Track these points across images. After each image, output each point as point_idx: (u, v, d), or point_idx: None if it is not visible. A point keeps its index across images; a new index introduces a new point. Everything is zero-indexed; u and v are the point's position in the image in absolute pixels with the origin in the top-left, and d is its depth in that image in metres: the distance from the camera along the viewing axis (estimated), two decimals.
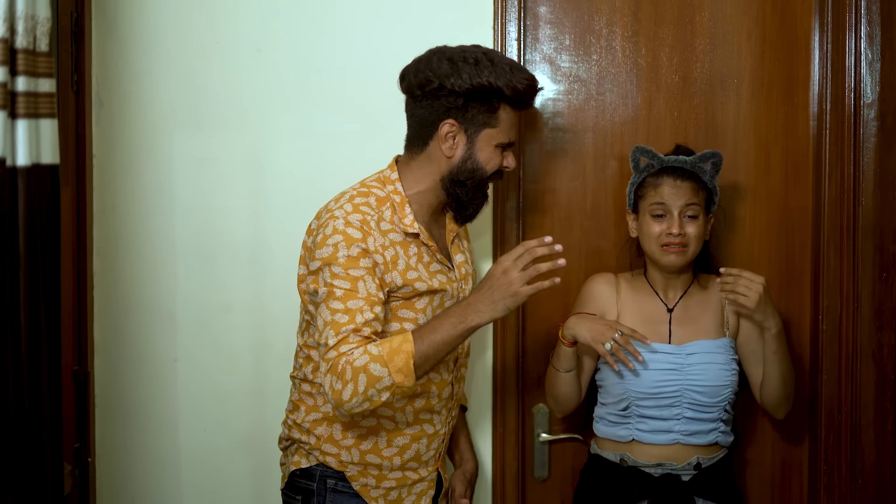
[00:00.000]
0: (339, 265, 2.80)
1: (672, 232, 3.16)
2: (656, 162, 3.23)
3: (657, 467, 3.20)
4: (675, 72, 3.52)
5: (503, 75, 2.88)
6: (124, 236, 3.48)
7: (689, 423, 3.19)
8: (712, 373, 3.18)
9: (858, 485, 3.45)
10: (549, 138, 3.53)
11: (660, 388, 3.17)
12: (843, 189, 3.41)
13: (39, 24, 2.42)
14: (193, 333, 3.51)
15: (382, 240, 2.87)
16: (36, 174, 2.40)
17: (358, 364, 2.71)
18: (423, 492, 3.06)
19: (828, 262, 3.44)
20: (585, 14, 3.52)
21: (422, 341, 2.74)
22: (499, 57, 2.93)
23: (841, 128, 3.41)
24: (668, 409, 3.18)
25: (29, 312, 2.39)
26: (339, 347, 2.73)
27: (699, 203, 3.19)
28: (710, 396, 3.17)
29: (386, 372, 2.70)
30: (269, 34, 3.46)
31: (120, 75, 3.45)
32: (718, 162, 3.23)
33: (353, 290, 2.79)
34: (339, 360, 2.72)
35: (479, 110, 2.91)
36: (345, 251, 2.81)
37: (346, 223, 2.84)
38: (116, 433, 3.51)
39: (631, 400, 3.20)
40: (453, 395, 3.08)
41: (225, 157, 3.48)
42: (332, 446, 2.98)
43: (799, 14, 3.50)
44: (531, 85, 2.95)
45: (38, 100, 2.42)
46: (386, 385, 2.71)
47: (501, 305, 2.76)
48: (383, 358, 2.71)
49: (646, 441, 3.21)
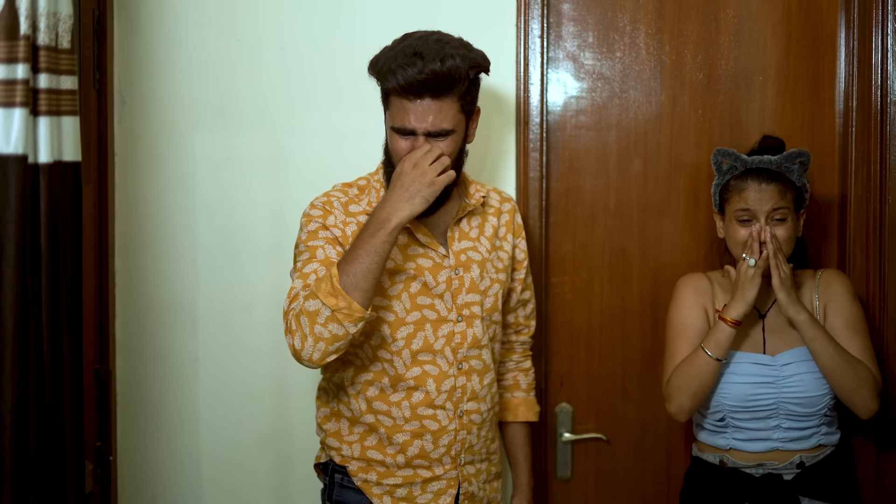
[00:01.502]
0: (301, 241, 2.92)
1: (763, 240, 3.06)
2: (739, 164, 3.15)
3: (758, 468, 3.14)
4: (700, 69, 3.50)
5: (387, 65, 2.84)
6: (146, 234, 3.48)
7: (787, 432, 3.13)
8: (809, 383, 3.10)
9: (885, 485, 3.43)
10: (572, 136, 3.51)
11: (754, 401, 3.11)
12: (869, 187, 3.39)
13: (61, 21, 2.42)
14: (215, 331, 3.51)
15: (344, 217, 2.93)
16: (57, 171, 2.40)
17: (296, 310, 2.75)
18: (442, 490, 3.00)
19: (854, 261, 3.43)
20: (609, 11, 3.50)
21: (344, 261, 2.74)
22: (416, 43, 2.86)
23: (867, 125, 3.39)
24: (764, 420, 3.13)
25: (50, 310, 2.39)
26: (291, 305, 2.79)
27: (787, 206, 3.11)
28: (807, 407, 3.11)
29: (319, 302, 2.70)
30: (292, 32, 3.46)
31: (142, 73, 3.45)
32: (807, 161, 3.13)
33: (311, 257, 2.86)
34: (288, 318, 2.78)
35: (382, 92, 2.93)
36: (305, 229, 2.93)
37: (311, 206, 2.97)
38: (138, 431, 3.51)
39: (725, 412, 3.14)
40: (460, 389, 2.99)
41: (247, 154, 3.48)
42: (335, 440, 3.01)
43: (825, 10, 3.48)
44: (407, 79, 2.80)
45: (59, 97, 2.42)
46: (326, 315, 2.70)
47: (419, 198, 2.76)
48: (313, 293, 2.72)
49: (744, 449, 3.16)
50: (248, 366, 3.51)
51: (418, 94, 2.82)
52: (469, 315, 2.99)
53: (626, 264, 3.52)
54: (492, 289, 3.05)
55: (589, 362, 3.55)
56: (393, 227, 2.73)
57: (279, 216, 3.45)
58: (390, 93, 2.87)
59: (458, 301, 2.98)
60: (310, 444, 3.21)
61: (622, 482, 3.59)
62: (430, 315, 2.95)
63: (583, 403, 3.55)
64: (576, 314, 3.53)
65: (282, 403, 3.46)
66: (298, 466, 3.40)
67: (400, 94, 2.84)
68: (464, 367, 2.99)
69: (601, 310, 3.54)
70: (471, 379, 3.00)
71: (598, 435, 3.55)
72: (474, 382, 3.01)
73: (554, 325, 3.53)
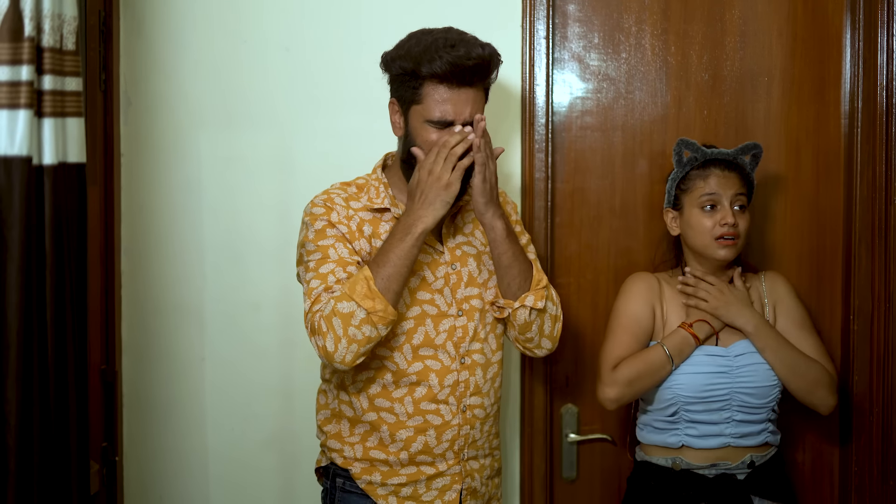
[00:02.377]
0: (310, 241, 2.90)
1: (727, 222, 3.12)
2: (700, 155, 3.19)
3: (711, 468, 3.15)
4: (705, 70, 3.50)
5: (425, 53, 2.84)
6: (152, 235, 3.48)
7: (739, 426, 3.15)
8: (761, 373, 3.14)
9: (889, 486, 3.43)
10: (577, 137, 3.51)
11: (709, 391, 3.13)
12: (874, 188, 3.39)
13: (66, 22, 2.42)
14: (221, 332, 3.51)
15: (347, 212, 2.93)
16: (62, 173, 2.40)
17: (327, 312, 2.75)
18: (447, 486, 3.00)
19: (859, 262, 3.42)
20: (614, 12, 3.50)
21: (376, 265, 2.77)
22: (444, 34, 2.90)
23: (872, 126, 3.39)
24: (717, 412, 3.14)
25: (55, 312, 2.39)
26: (313, 308, 2.79)
27: (746, 194, 3.18)
28: (759, 398, 3.14)
29: (354, 305, 2.72)
30: (297, 33, 3.46)
31: (148, 74, 3.46)
32: (759, 154, 3.21)
33: (324, 257, 2.85)
34: (314, 319, 2.78)
35: (406, 87, 2.89)
36: (311, 228, 2.91)
37: (312, 204, 2.96)
38: (144, 432, 3.52)
39: (679, 405, 3.15)
40: (463, 384, 2.99)
41: (253, 155, 3.48)
42: (336, 442, 3.00)
43: (830, 11, 3.48)
44: (453, 62, 2.83)
45: (64, 98, 2.42)
46: (361, 318, 2.73)
47: (439, 202, 2.80)
48: (346, 294, 2.74)
49: (696, 446, 3.17)
50: (254, 366, 3.52)
51: (463, 81, 2.86)
52: (469, 309, 2.99)
53: (631, 265, 3.51)
54: (491, 280, 3.04)
55: (594, 363, 3.52)
56: (419, 232, 2.78)
57: (285, 217, 3.46)
58: (426, 82, 2.86)
59: (457, 295, 2.98)
60: (316, 444, 3.21)
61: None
62: (430, 310, 2.95)
63: (588, 404, 3.55)
64: (581, 315, 3.53)
65: (288, 404, 3.47)
66: (304, 467, 3.40)
67: (442, 82, 2.85)
68: (466, 361, 2.99)
69: (606, 310, 3.51)
70: (474, 373, 3.00)
71: (603, 436, 3.54)
72: (477, 377, 3.01)
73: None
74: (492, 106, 3.31)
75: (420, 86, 2.86)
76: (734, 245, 3.14)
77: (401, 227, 2.80)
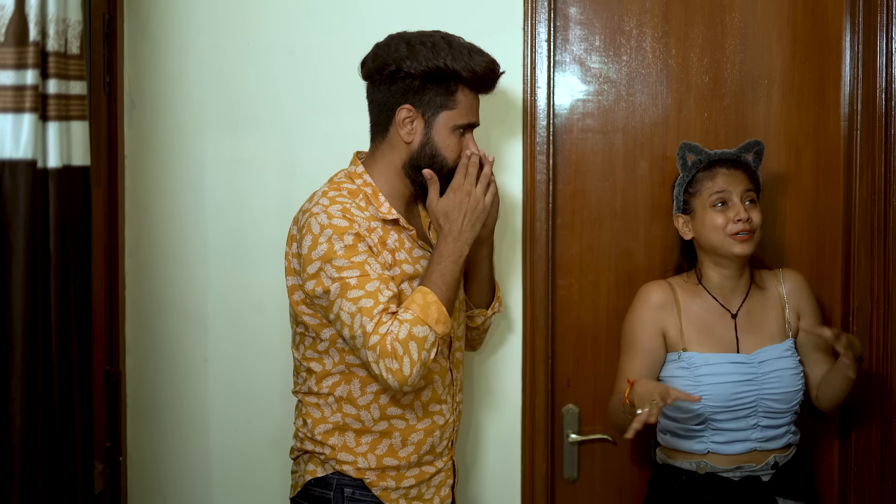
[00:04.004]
0: (340, 257, 2.79)
1: (741, 217, 3.12)
2: (704, 157, 3.21)
3: (736, 471, 3.16)
4: (706, 72, 3.52)
5: (460, 58, 2.86)
6: (156, 237, 3.50)
7: (765, 431, 3.16)
8: (786, 379, 3.15)
9: (889, 487, 3.44)
10: (578, 139, 3.53)
11: (736, 399, 3.13)
12: (873, 190, 3.40)
13: (70, 26, 2.43)
14: (225, 333, 3.53)
15: (367, 224, 2.87)
16: (66, 176, 2.42)
17: (402, 336, 2.71)
18: (442, 482, 3.04)
19: (858, 263, 3.44)
20: (615, 15, 3.52)
21: (439, 288, 2.79)
22: (457, 40, 2.91)
23: (872, 128, 3.40)
24: (744, 419, 3.15)
25: (59, 313, 2.40)
26: (379, 330, 2.73)
27: (755, 190, 3.19)
28: (784, 402, 3.15)
29: (427, 329, 2.73)
30: (301, 36, 3.47)
31: (152, 77, 3.47)
32: (761, 151, 3.23)
33: (363, 274, 2.78)
34: (386, 341, 2.72)
35: (437, 92, 2.88)
36: (339, 243, 2.80)
37: (329, 216, 2.83)
38: (148, 432, 3.54)
39: (707, 414, 3.15)
40: (454, 382, 3.05)
41: (257, 157, 3.50)
42: (348, 454, 2.95)
43: (830, 15, 3.50)
44: (490, 67, 2.91)
45: (68, 102, 2.43)
46: (432, 341, 2.74)
47: (479, 224, 2.87)
48: (420, 318, 2.73)
49: (722, 452, 3.17)
50: (257, 367, 3.53)
51: (489, 87, 2.96)
52: (455, 309, 3.01)
53: (632, 267, 3.53)
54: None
55: (595, 364, 3.57)
56: (465, 256, 2.87)
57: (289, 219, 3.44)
58: (461, 87, 2.89)
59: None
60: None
61: (628, 483, 3.60)
62: None
63: (589, 405, 3.57)
64: (582, 316, 3.54)
65: (291, 404, 3.46)
66: None
67: (473, 87, 2.91)
68: (453, 360, 3.04)
69: (607, 312, 3.55)
70: (459, 370, 3.07)
71: (604, 436, 3.56)
72: (461, 374, 3.09)
73: (560, 326, 3.54)
74: (493, 108, 3.34)
75: (454, 90, 2.88)
76: (750, 240, 3.14)
77: (452, 250, 2.84)
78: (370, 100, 3.00)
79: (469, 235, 2.85)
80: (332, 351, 2.92)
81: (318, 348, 2.94)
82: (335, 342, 2.90)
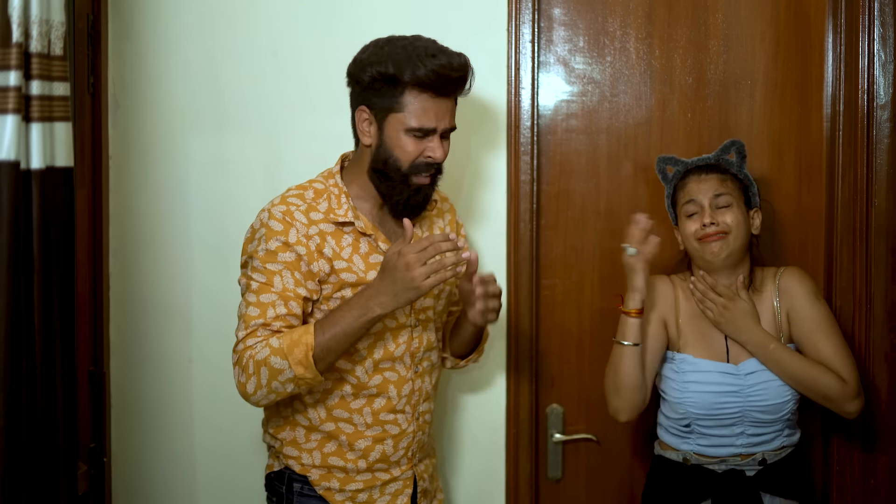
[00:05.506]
0: (259, 258, 2.82)
1: (704, 222, 3.12)
2: (681, 166, 3.23)
3: (721, 464, 3.17)
4: (689, 73, 3.53)
5: (408, 61, 2.79)
6: (140, 237, 3.50)
7: (752, 438, 3.15)
8: (773, 391, 3.12)
9: (871, 485, 3.45)
10: (563, 140, 3.54)
11: (719, 409, 3.13)
12: (856, 190, 3.41)
13: (54, 28, 2.44)
14: (209, 334, 3.53)
15: (307, 230, 2.84)
16: (50, 177, 2.42)
17: (259, 357, 2.73)
18: (399, 491, 3.02)
19: (841, 263, 3.45)
20: (599, 16, 3.53)
21: (322, 334, 2.74)
22: (422, 44, 2.85)
23: (854, 129, 3.41)
24: (729, 427, 3.15)
25: (43, 314, 2.41)
26: (246, 341, 2.77)
27: (728, 192, 3.15)
28: (772, 413, 3.13)
29: (286, 364, 2.72)
30: (285, 37, 3.48)
31: (136, 77, 3.47)
32: (741, 149, 3.21)
33: (268, 283, 2.80)
34: (244, 354, 2.76)
35: (384, 95, 2.84)
36: (264, 244, 2.82)
37: (270, 216, 2.85)
38: (132, 433, 3.54)
39: (691, 419, 3.16)
40: (417, 392, 3.01)
41: (241, 158, 3.50)
42: (293, 449, 2.98)
43: (813, 16, 3.51)
44: (439, 72, 2.80)
45: (52, 103, 2.43)
46: (288, 377, 2.73)
47: (404, 297, 2.71)
48: (283, 350, 2.72)
49: (707, 454, 3.17)
50: None
51: (446, 90, 2.85)
52: (425, 319, 3.01)
53: (616, 267, 3.50)
54: (444, 291, 3.09)
55: (579, 364, 3.58)
56: (375, 317, 2.73)
57: None
58: (408, 90, 2.82)
59: (416, 307, 2.98)
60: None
61: (612, 482, 3.61)
62: (390, 323, 2.93)
63: (573, 404, 3.58)
64: (566, 316, 3.55)
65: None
66: None
67: (424, 90, 2.82)
68: (419, 369, 3.01)
69: (591, 312, 3.56)
70: (424, 380, 3.04)
71: (588, 436, 3.57)
72: (427, 383, 3.05)
73: (544, 326, 3.55)
74: (477, 109, 3.34)
75: (401, 93, 2.82)
76: (722, 240, 3.12)
77: (359, 303, 2.75)
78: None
79: (386, 300, 2.71)
80: None
81: None
82: None
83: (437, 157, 2.87)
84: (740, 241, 3.15)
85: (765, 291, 3.24)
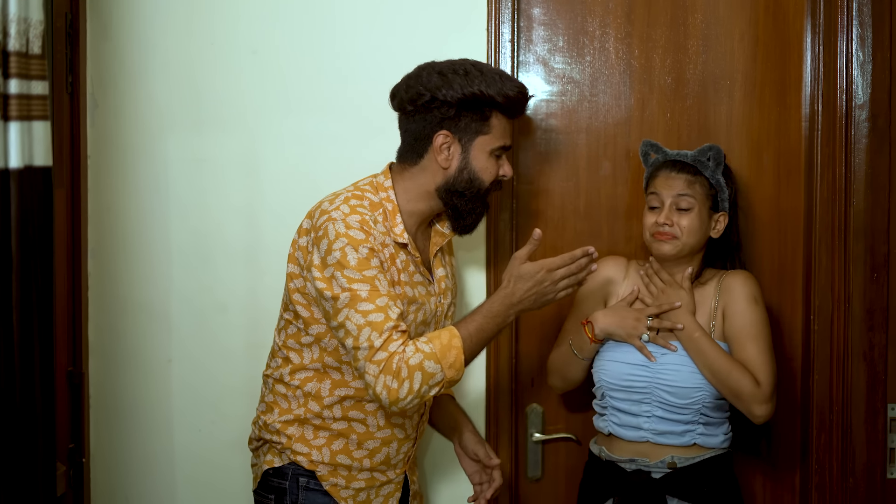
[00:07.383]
0: (352, 268, 2.80)
1: (658, 221, 3.18)
2: (660, 156, 3.27)
3: (630, 462, 3.20)
4: (668, 73, 3.53)
5: (493, 84, 2.92)
6: (119, 237, 3.49)
7: (659, 423, 3.18)
8: (684, 374, 3.16)
9: (849, 484, 3.46)
10: (542, 139, 3.54)
11: (629, 381, 3.19)
12: (834, 190, 3.42)
13: (32, 26, 2.43)
14: (188, 334, 3.52)
15: (383, 238, 2.91)
16: (28, 176, 2.41)
17: (413, 362, 2.75)
18: (391, 493, 3.08)
19: (819, 263, 3.45)
20: (579, 16, 3.53)
21: (469, 336, 2.83)
22: (488, 67, 2.97)
23: (833, 129, 3.42)
24: (637, 404, 3.19)
25: (21, 314, 2.40)
26: (388, 347, 2.76)
27: (692, 195, 3.18)
28: (680, 398, 3.16)
29: (439, 368, 2.76)
30: (265, 36, 3.47)
31: (115, 76, 3.46)
32: (717, 155, 3.22)
33: (374, 289, 2.80)
34: (393, 360, 2.75)
35: (472, 119, 2.93)
36: (354, 254, 2.81)
37: (347, 226, 2.84)
38: (111, 434, 3.53)
39: (605, 389, 3.23)
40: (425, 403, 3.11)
41: (220, 158, 3.49)
42: (303, 445, 3.00)
43: (791, 16, 3.51)
44: (521, 92, 2.99)
45: (30, 102, 2.42)
46: (437, 381, 2.77)
47: (541, 304, 2.90)
48: (436, 355, 2.76)
49: (619, 435, 3.21)
50: (221, 367, 3.53)
51: (522, 109, 3.07)
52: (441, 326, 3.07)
53: None
54: (450, 311, 3.18)
55: None
56: (510, 322, 2.91)
57: (252, 219, 3.47)
58: (495, 112, 2.95)
59: (439, 325, 3.07)
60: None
61: None
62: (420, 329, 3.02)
63: (553, 404, 3.58)
64: (546, 317, 3.54)
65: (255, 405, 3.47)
66: None
67: (505, 112, 2.98)
68: None
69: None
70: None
71: (568, 435, 3.57)
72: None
73: (524, 326, 3.55)
74: None
75: (489, 115, 2.94)
76: (670, 242, 3.18)
77: (503, 307, 2.88)
78: (403, 129, 3.03)
79: (525, 308, 2.88)
80: (315, 347, 2.96)
81: (302, 340, 2.97)
82: (320, 340, 2.94)
83: (509, 174, 3.04)
84: (691, 244, 3.21)
85: (707, 287, 3.29)
